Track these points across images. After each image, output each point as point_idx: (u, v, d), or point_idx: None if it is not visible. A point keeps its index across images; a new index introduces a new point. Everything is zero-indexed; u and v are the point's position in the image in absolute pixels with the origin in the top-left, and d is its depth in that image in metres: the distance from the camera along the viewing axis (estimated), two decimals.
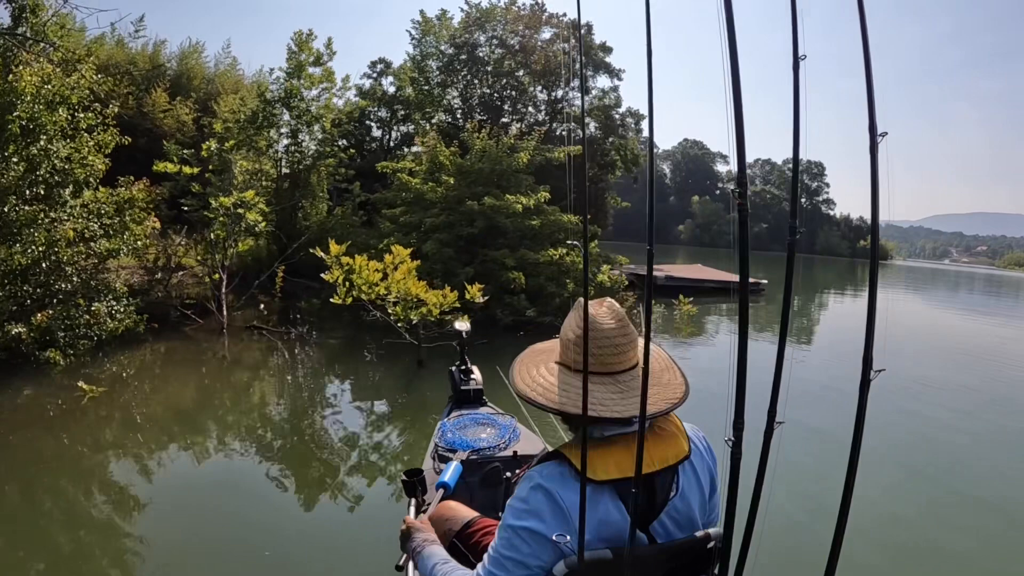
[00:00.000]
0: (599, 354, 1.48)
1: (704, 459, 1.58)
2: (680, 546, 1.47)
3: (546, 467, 1.45)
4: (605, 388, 1.47)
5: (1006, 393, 8.86)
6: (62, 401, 5.70)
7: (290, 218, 12.99)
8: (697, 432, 1.62)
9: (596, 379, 1.46)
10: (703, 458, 1.58)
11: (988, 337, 15.59)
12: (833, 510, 1.50)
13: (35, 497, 4.04)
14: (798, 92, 1.36)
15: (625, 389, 1.47)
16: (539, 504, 1.39)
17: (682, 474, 1.50)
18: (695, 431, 1.60)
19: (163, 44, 18.86)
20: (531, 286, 9.99)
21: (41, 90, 6.49)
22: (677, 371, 1.59)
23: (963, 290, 37.57)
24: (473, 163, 11.23)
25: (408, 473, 2.60)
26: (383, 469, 4.84)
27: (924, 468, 5.39)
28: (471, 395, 3.64)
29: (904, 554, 3.83)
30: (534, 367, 1.61)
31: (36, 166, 6.49)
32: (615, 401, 1.45)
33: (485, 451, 2.92)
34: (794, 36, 1.34)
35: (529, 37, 20.56)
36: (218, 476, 4.55)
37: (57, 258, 6.58)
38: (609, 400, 1.45)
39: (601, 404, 1.43)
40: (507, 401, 4.15)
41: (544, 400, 1.50)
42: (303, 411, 6.23)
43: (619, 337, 1.50)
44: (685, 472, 1.51)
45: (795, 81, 1.36)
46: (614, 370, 1.49)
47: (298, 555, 3.43)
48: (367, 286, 7.17)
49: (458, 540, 2.00)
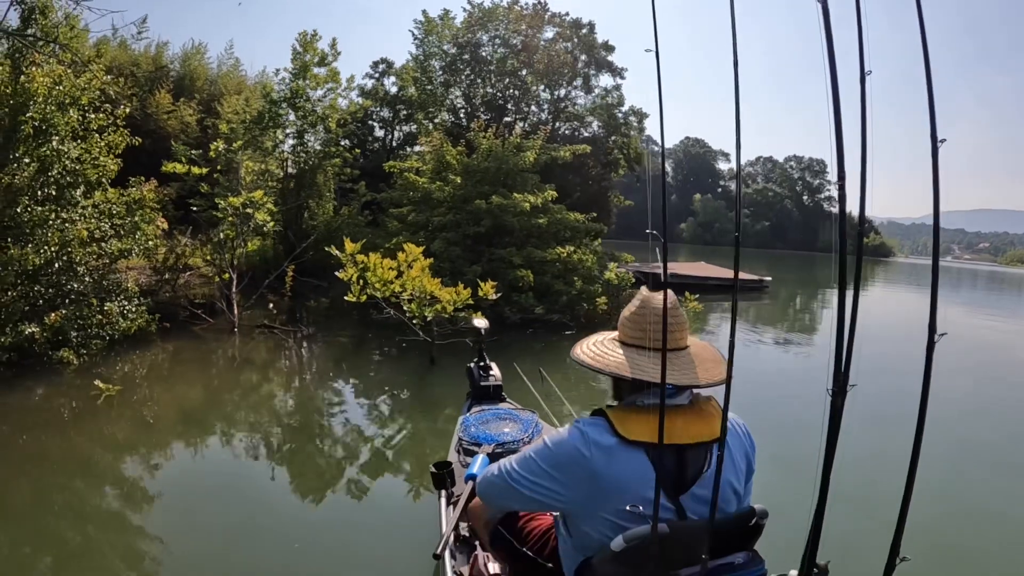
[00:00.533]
0: (651, 331, 1.61)
1: (742, 442, 1.66)
2: (728, 522, 1.53)
3: (588, 418, 1.60)
4: (652, 360, 1.58)
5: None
6: (75, 401, 5.72)
7: (296, 218, 13.01)
8: (737, 419, 1.70)
9: (647, 353, 1.60)
10: (741, 441, 1.66)
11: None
12: (898, 479, 1.48)
13: (48, 496, 4.05)
14: (864, 107, 1.36)
15: (671, 364, 1.55)
16: (572, 443, 1.53)
17: (715, 452, 1.52)
18: (735, 417, 1.68)
19: (166, 45, 18.91)
20: (539, 284, 10.01)
21: (53, 91, 6.51)
22: (722, 363, 1.66)
23: (965, 288, 37.54)
24: (480, 162, 11.24)
25: (437, 466, 2.65)
26: (401, 464, 4.87)
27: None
28: (491, 391, 3.67)
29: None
30: (593, 341, 1.77)
31: (48, 167, 6.51)
32: (657, 369, 1.52)
33: (510, 444, 2.95)
34: (860, 51, 1.35)
35: (532, 36, 20.57)
36: (231, 474, 4.56)
37: (69, 258, 6.60)
38: (652, 368, 1.55)
39: (643, 371, 1.57)
40: (525, 397, 4.17)
41: (593, 362, 1.66)
42: (315, 409, 6.24)
43: (670, 317, 1.59)
44: (727, 458, 1.55)
45: (862, 96, 1.37)
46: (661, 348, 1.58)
47: (325, 549, 3.44)
48: (381, 284, 7.18)
49: (502, 527, 2.06)
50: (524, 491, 1.60)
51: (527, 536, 2.03)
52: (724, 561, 1.53)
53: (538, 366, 5.42)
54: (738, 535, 1.57)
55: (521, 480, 1.60)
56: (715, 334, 12.05)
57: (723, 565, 1.53)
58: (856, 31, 1.35)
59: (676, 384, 1.56)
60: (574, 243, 11.14)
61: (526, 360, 7.55)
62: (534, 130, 14.02)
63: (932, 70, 1.38)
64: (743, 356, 9.91)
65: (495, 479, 1.72)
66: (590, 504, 1.51)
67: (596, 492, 1.49)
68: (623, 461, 1.47)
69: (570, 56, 21.00)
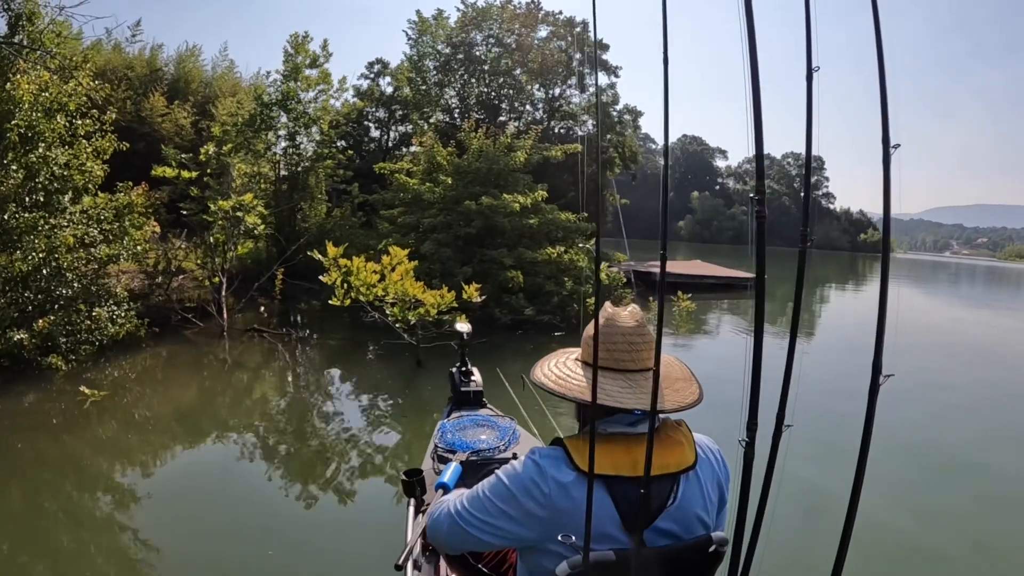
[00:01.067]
0: (613, 350, 1.53)
1: (714, 471, 1.57)
2: (683, 549, 1.47)
3: (545, 448, 1.50)
4: (615, 383, 1.50)
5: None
6: (64, 406, 5.75)
7: (289, 220, 13.04)
8: (711, 444, 1.60)
9: (608, 374, 1.51)
10: (713, 470, 1.56)
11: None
12: (838, 515, 1.49)
13: (39, 500, 4.10)
14: (811, 103, 1.34)
15: (635, 386, 1.49)
16: (527, 479, 1.44)
17: (684, 484, 1.49)
18: (708, 443, 1.60)
19: (160, 48, 18.96)
20: (529, 285, 10.03)
21: (39, 98, 6.53)
22: (694, 382, 1.60)
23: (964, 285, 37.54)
24: (470, 163, 11.26)
25: (408, 473, 2.60)
26: (382, 469, 4.89)
27: (929, 470, 5.40)
28: (471, 397, 3.61)
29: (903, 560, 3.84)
30: (554, 361, 1.67)
31: (35, 173, 6.54)
32: (622, 393, 1.47)
33: (485, 452, 2.91)
34: (808, 47, 1.32)
35: (525, 36, 20.59)
36: (219, 478, 4.61)
37: (57, 264, 6.62)
38: (617, 392, 1.47)
39: (608, 395, 1.46)
40: (507, 403, 4.18)
41: (555, 387, 1.56)
42: (303, 413, 6.28)
43: (634, 336, 1.54)
44: (688, 481, 1.50)
45: (808, 92, 1.34)
46: (627, 367, 1.52)
47: (300, 555, 3.48)
48: (365, 287, 7.21)
49: None
50: (477, 533, 1.51)
51: (483, 553, 1.99)
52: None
53: (527, 369, 5.44)
54: (695, 563, 1.50)
55: (473, 522, 1.51)
56: (712, 334, 12.09)
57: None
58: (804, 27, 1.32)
59: (642, 409, 1.47)
60: (566, 243, 11.16)
61: (516, 361, 7.59)
62: (527, 129, 14.01)
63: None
64: (723, 360, 9.95)
65: (444, 521, 1.60)
66: (545, 539, 1.44)
67: (552, 528, 1.41)
68: (583, 497, 1.35)
69: (564, 55, 21.00)
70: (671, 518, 1.47)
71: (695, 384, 1.60)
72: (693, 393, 1.55)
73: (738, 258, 35.57)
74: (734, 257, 36.49)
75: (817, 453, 5.06)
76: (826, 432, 5.58)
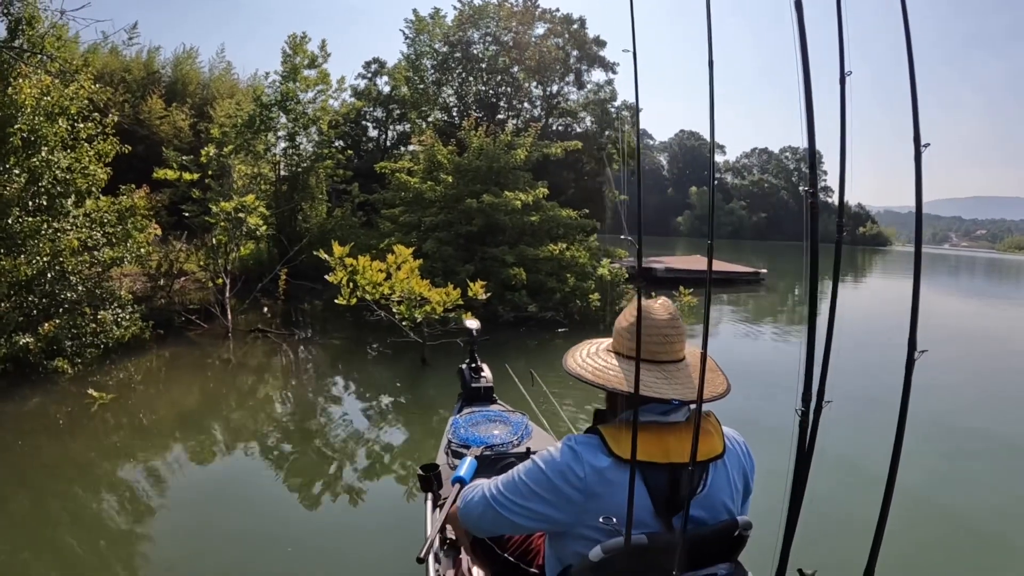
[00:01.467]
0: (648, 343, 1.54)
1: (740, 460, 1.62)
2: (711, 533, 1.51)
3: (582, 436, 1.54)
4: (651, 374, 1.53)
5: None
6: (71, 409, 5.76)
7: (290, 221, 13.05)
8: (737, 436, 1.66)
9: (645, 365, 1.51)
10: (739, 460, 1.62)
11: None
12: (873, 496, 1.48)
13: (45, 503, 4.10)
14: (844, 109, 1.35)
15: (670, 377, 1.54)
16: (564, 463, 1.47)
17: (713, 471, 1.53)
18: (735, 434, 1.65)
19: (157, 51, 18.95)
20: (531, 282, 10.04)
21: (41, 102, 6.54)
22: (721, 373, 1.66)
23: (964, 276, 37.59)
24: (471, 161, 11.27)
25: (424, 468, 2.63)
26: (392, 467, 4.92)
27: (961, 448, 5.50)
28: (481, 393, 3.64)
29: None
30: (586, 351, 1.70)
31: (38, 177, 6.55)
32: (659, 384, 1.51)
33: (498, 447, 2.94)
34: (840, 52, 1.33)
35: (522, 33, 20.59)
36: (229, 479, 4.62)
37: (62, 268, 6.63)
38: (654, 383, 1.51)
39: (646, 386, 1.49)
40: (517, 399, 4.20)
41: (593, 378, 1.58)
42: (310, 412, 6.30)
43: (668, 328, 1.57)
44: (717, 469, 1.54)
45: (842, 97, 1.35)
46: (662, 359, 1.56)
47: (318, 554, 3.49)
48: (371, 286, 7.23)
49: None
50: (510, 516, 1.54)
51: (508, 541, 2.01)
52: (706, 572, 1.52)
53: (530, 365, 5.47)
54: (721, 547, 1.55)
55: (507, 504, 1.54)
56: (712, 329, 12.09)
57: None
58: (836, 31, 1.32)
59: (679, 399, 1.52)
60: (567, 240, 11.17)
61: (519, 358, 7.61)
62: (526, 127, 14.03)
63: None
64: (742, 351, 9.98)
65: (479, 504, 1.62)
66: (577, 522, 1.48)
67: (585, 513, 1.45)
68: (617, 482, 1.43)
69: (561, 52, 21.02)
70: (699, 504, 1.51)
71: (723, 375, 1.66)
72: (723, 384, 1.62)
73: (738, 252, 35.65)
74: (734, 251, 36.54)
75: (851, 428, 5.35)
76: (856, 409, 5.88)
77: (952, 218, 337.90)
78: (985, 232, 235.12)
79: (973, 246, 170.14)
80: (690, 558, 1.45)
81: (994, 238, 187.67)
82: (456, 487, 2.23)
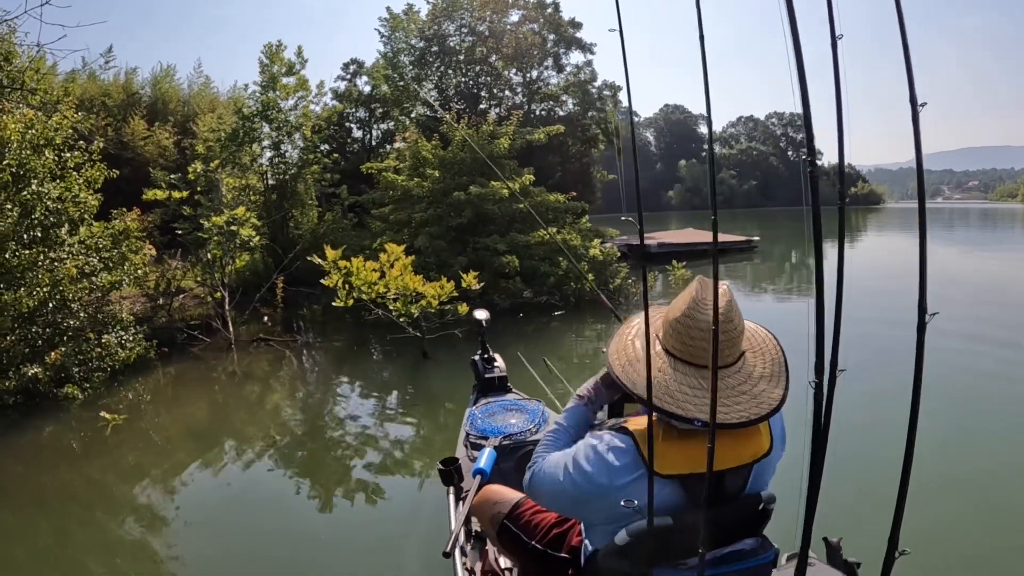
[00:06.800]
0: (691, 345, 1.43)
1: (778, 451, 1.55)
2: (734, 509, 1.49)
3: (615, 441, 1.48)
4: (686, 382, 1.42)
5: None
6: (84, 434, 5.86)
7: (282, 229, 13.13)
8: (779, 420, 1.56)
9: (683, 369, 1.43)
10: (778, 450, 1.55)
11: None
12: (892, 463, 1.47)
13: (69, 530, 4.14)
14: (838, 73, 1.32)
15: (707, 387, 1.37)
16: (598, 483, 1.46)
17: (756, 468, 1.49)
18: (777, 417, 1.51)
19: (135, 72, 18.93)
20: (525, 268, 10.17)
21: (26, 135, 6.61)
22: (782, 380, 1.48)
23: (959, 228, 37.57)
24: (455, 153, 11.35)
25: (444, 462, 2.67)
26: (405, 463, 5.04)
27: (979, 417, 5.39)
28: (495, 383, 3.64)
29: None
30: (632, 346, 1.57)
31: (31, 210, 6.62)
32: (687, 397, 1.40)
33: (517, 436, 2.94)
34: (830, 14, 1.32)
35: (497, 22, 20.58)
36: (246, 489, 4.71)
37: (62, 296, 6.73)
38: (681, 396, 1.41)
39: (670, 396, 1.40)
40: (531, 387, 4.24)
41: (621, 373, 1.51)
42: (318, 415, 6.43)
43: (722, 332, 1.38)
44: (760, 465, 1.50)
45: (835, 61, 1.33)
46: (705, 364, 1.39)
47: (343, 556, 3.58)
48: (366, 286, 7.36)
49: (508, 521, 2.06)
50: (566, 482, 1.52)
51: (534, 528, 1.99)
52: (733, 548, 1.49)
53: (533, 350, 5.52)
54: (746, 522, 1.52)
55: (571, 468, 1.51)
56: None
57: (732, 552, 1.49)
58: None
59: (699, 420, 1.37)
60: (558, 224, 11.27)
61: (520, 345, 7.72)
62: (508, 115, 14.08)
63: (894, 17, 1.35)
64: None
65: (548, 473, 1.59)
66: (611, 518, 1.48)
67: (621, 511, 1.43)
68: (656, 491, 1.37)
69: (538, 37, 21.00)
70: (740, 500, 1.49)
71: (782, 381, 1.48)
72: (774, 398, 1.44)
73: (731, 222, 35.68)
74: (727, 221, 36.58)
75: (866, 395, 5.32)
76: (865, 375, 5.85)
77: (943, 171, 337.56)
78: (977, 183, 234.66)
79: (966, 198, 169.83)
80: (715, 536, 1.43)
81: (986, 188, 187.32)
82: (478, 479, 2.25)
